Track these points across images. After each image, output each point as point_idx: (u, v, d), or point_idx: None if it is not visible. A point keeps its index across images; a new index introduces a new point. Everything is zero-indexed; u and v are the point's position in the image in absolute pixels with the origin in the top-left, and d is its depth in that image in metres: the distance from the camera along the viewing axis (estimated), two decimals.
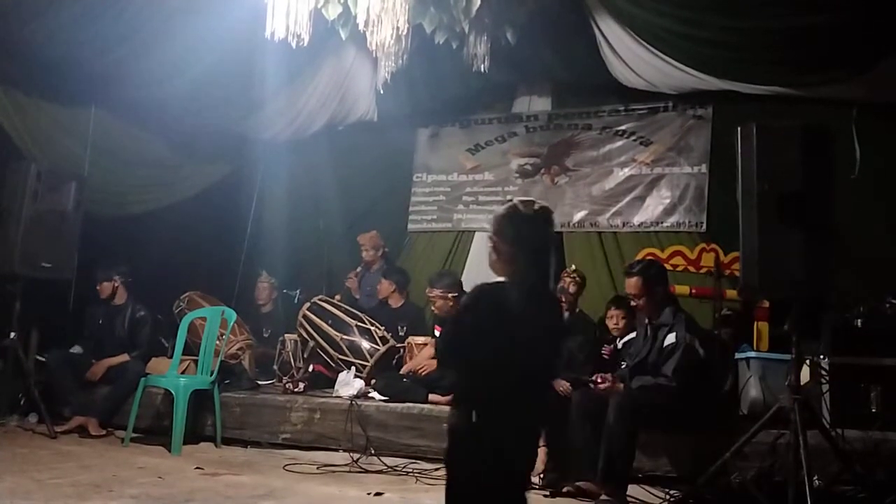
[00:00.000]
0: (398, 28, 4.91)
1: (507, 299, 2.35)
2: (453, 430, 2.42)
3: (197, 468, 4.64)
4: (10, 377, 5.84)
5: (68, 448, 5.19)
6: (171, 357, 5.94)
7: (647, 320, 4.68)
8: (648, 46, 6.13)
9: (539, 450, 4.43)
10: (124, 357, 6.04)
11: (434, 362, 5.64)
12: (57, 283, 6.12)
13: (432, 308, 6.31)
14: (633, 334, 5.03)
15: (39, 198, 5.85)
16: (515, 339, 2.33)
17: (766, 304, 5.67)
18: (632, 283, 4.70)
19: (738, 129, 4.05)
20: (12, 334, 5.74)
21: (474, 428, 2.30)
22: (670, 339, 4.46)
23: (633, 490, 4.32)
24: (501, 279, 2.43)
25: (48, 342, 6.16)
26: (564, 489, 4.38)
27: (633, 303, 4.75)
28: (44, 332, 6.16)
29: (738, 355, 5.39)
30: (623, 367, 4.78)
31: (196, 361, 5.84)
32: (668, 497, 4.28)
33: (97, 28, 5.59)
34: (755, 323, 5.74)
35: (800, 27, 5.19)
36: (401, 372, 5.92)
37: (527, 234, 2.46)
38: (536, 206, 2.49)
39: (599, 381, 4.50)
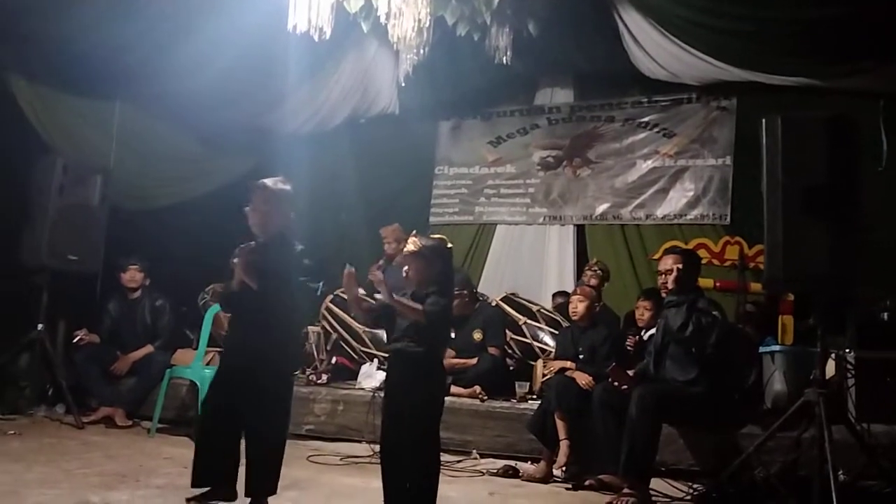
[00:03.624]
0: (420, 20, 4.91)
1: None
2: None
3: None
4: (37, 369, 5.92)
5: (95, 438, 5.26)
6: (195, 349, 5.98)
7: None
8: (672, 37, 6.08)
9: (562, 442, 4.49)
10: (148, 349, 6.10)
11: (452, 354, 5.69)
12: (83, 276, 6.19)
13: None
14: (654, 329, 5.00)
15: (65, 191, 5.92)
16: None
17: (791, 297, 5.61)
18: (670, 259, 4.65)
19: (763, 120, 4.00)
20: (40, 326, 5.82)
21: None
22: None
23: (656, 483, 4.29)
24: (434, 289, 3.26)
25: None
26: (587, 482, 4.38)
27: (662, 278, 4.67)
28: (70, 324, 6.23)
29: (762, 349, 5.34)
30: (645, 361, 4.76)
31: (221, 353, 5.87)
32: (691, 491, 4.26)
33: (122, 23, 5.64)
34: (780, 316, 5.69)
35: (825, 17, 5.13)
36: None
37: (450, 263, 3.43)
38: (449, 245, 3.44)
39: (617, 383, 4.49)
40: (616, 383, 4.49)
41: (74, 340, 6.08)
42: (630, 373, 4.63)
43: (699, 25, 5.79)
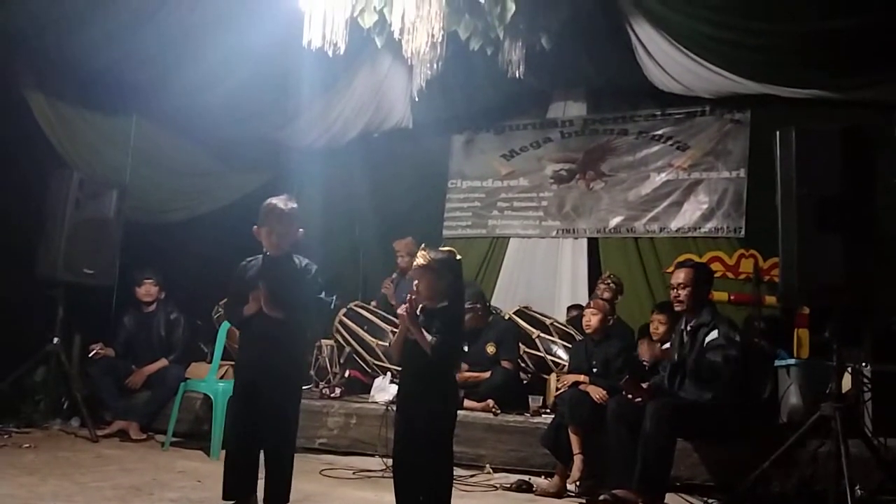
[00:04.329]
0: (433, 35, 4.93)
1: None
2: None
3: None
4: (53, 382, 5.96)
5: (109, 452, 5.27)
6: (210, 362, 6.00)
7: (683, 325, 4.63)
8: (685, 50, 6.08)
9: (575, 457, 4.46)
10: (162, 362, 6.12)
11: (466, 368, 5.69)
12: (99, 290, 6.22)
13: None
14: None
15: (82, 205, 5.96)
16: None
17: (807, 310, 5.58)
18: (682, 273, 4.66)
19: (777, 132, 4.00)
20: (55, 339, 5.86)
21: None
22: (713, 335, 4.41)
23: (671, 498, 4.27)
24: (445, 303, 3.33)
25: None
26: (601, 497, 4.33)
27: (674, 293, 4.67)
28: (86, 337, 6.27)
29: (777, 363, 5.31)
30: (660, 375, 4.74)
31: (235, 370, 5.88)
32: None
33: (138, 39, 5.70)
34: (795, 330, 5.65)
35: (838, 30, 5.12)
36: None
37: (460, 275, 3.46)
38: (458, 257, 3.47)
39: (631, 396, 4.47)
40: (630, 396, 4.47)
41: (90, 354, 6.11)
42: (644, 385, 4.62)
43: (713, 39, 5.79)
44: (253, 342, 3.81)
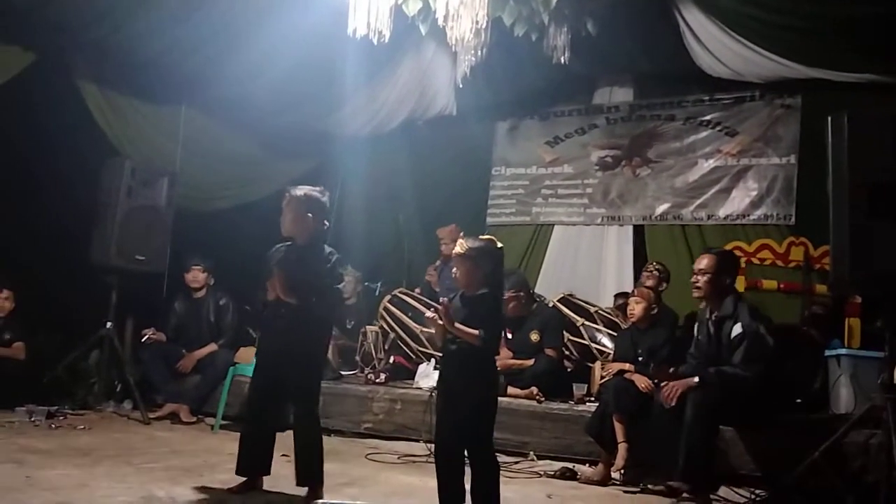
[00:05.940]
0: (477, 22, 4.92)
1: None
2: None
3: (283, 455, 4.74)
4: (106, 365, 6.11)
5: (161, 434, 5.40)
6: None
7: (708, 315, 4.56)
8: (734, 35, 5.98)
9: (620, 445, 4.45)
10: (212, 347, 6.25)
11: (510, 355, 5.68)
12: (150, 276, 6.35)
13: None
14: None
15: (133, 194, 6.08)
16: None
17: (858, 299, 5.46)
18: (704, 259, 4.57)
19: (829, 118, 3.91)
20: (109, 324, 6.00)
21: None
22: (737, 329, 4.34)
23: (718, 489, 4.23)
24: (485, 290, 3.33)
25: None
26: (645, 486, 4.33)
27: (694, 278, 4.58)
28: (138, 322, 6.41)
29: (828, 352, 5.22)
30: (689, 363, 4.66)
31: (256, 353, 5.95)
32: (753, 497, 4.19)
33: (186, 29, 5.78)
34: (846, 319, 5.54)
35: (891, 12, 4.98)
36: None
37: (500, 263, 3.43)
38: (499, 245, 3.44)
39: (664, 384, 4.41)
40: (663, 383, 4.42)
41: (142, 338, 6.25)
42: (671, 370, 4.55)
43: (762, 22, 5.68)
44: (269, 327, 3.95)
